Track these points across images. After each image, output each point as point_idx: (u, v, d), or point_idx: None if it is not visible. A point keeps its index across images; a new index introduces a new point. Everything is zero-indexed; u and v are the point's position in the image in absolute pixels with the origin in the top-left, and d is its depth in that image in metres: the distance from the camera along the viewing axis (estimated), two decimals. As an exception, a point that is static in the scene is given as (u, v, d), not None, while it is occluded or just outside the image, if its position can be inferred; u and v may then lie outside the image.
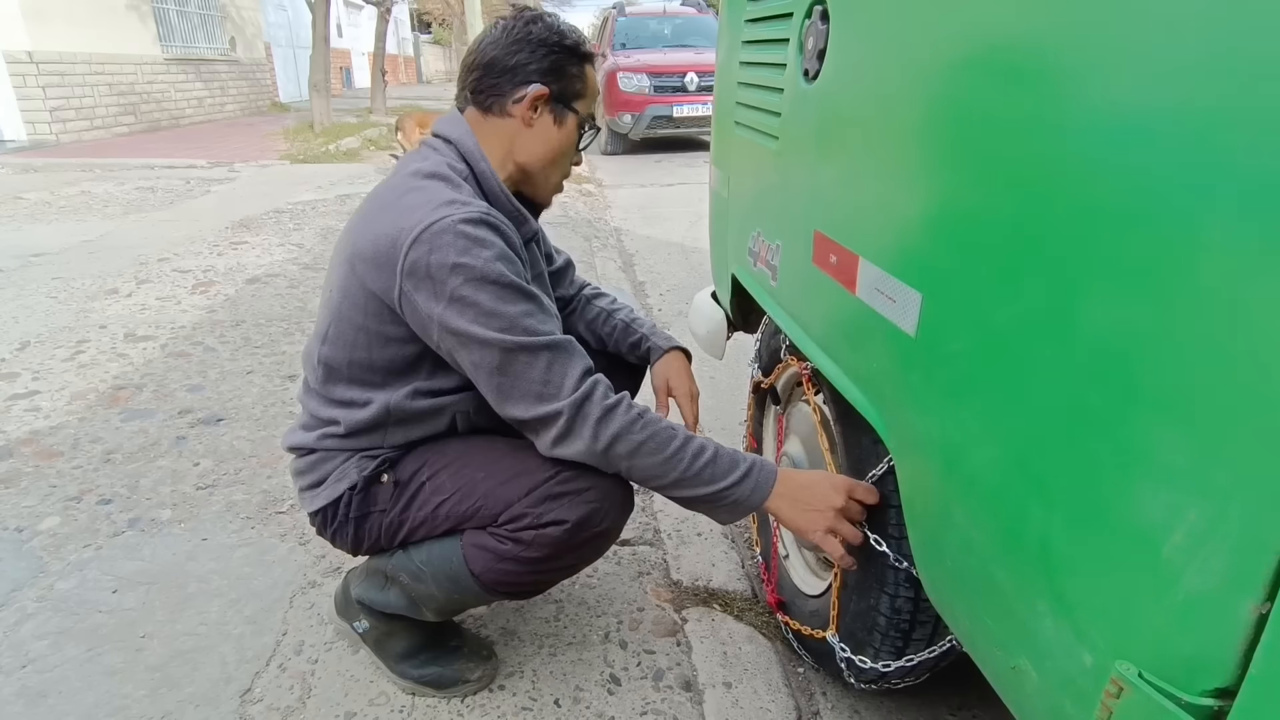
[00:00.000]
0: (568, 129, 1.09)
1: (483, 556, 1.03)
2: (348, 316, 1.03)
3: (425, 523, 1.06)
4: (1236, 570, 0.44)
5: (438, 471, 1.06)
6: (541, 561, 1.02)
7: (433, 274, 0.93)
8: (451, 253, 0.93)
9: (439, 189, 0.99)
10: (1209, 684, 0.46)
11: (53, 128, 8.40)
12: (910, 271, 0.80)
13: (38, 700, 1.19)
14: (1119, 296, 0.52)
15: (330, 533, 1.11)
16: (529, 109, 1.06)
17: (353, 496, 1.07)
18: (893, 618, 1.02)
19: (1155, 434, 0.50)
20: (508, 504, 1.00)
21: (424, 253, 0.93)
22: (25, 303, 3.15)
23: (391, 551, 1.12)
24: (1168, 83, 0.49)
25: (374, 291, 0.99)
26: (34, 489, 1.78)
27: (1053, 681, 0.61)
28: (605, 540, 1.07)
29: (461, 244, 0.93)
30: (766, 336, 1.47)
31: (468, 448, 1.08)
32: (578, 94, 1.09)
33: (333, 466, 1.08)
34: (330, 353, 1.06)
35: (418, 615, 1.14)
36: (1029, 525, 0.62)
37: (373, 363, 1.04)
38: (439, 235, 0.93)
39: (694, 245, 4.25)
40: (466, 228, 0.94)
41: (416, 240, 0.93)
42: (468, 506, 1.03)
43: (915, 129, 0.79)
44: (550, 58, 1.05)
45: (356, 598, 1.18)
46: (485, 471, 1.04)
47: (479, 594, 1.07)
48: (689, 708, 1.20)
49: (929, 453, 0.80)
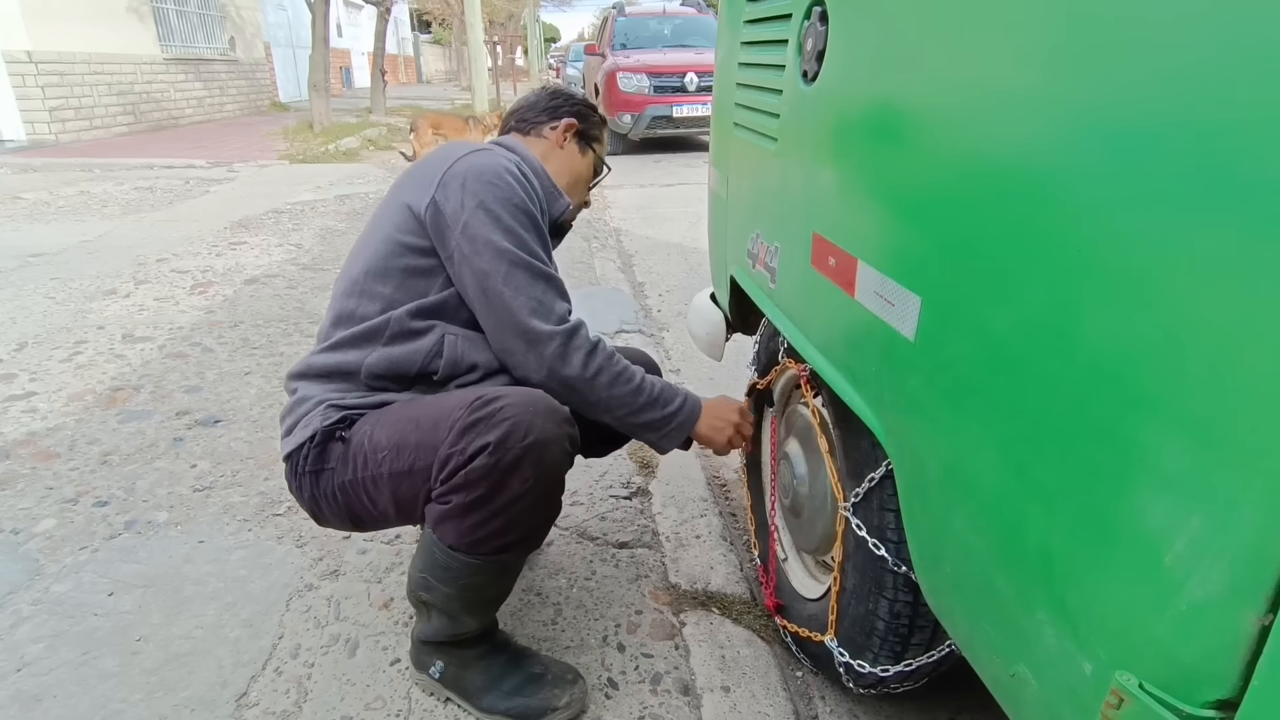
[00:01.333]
0: (588, 161, 1.37)
1: (448, 527, 1.03)
2: (379, 232, 1.14)
3: (371, 483, 1.05)
4: (1239, 581, 0.43)
5: (375, 429, 1.06)
6: (491, 498, 0.98)
7: (467, 185, 1.09)
8: (489, 175, 1.10)
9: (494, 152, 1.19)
10: (1210, 695, 0.45)
11: (52, 127, 8.39)
12: (909, 275, 0.79)
13: (32, 704, 1.18)
14: (1119, 302, 0.52)
15: (294, 485, 1.12)
16: (562, 133, 1.33)
17: (310, 449, 1.07)
18: (891, 622, 1.01)
19: (1157, 442, 0.49)
20: (434, 450, 1.00)
21: (465, 170, 1.10)
22: (23, 303, 3.14)
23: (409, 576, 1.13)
24: (1167, 86, 0.48)
25: (407, 203, 1.12)
26: (30, 490, 1.78)
27: (1052, 690, 0.61)
28: (543, 452, 0.99)
29: (501, 177, 1.11)
30: (765, 339, 1.47)
31: (402, 406, 1.09)
32: (597, 139, 1.39)
33: (303, 411, 1.10)
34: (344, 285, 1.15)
35: (462, 628, 1.14)
36: (1029, 532, 0.62)
37: (387, 269, 1.12)
38: (484, 165, 1.12)
39: (693, 246, 4.25)
40: (508, 175, 1.12)
41: (462, 160, 1.12)
42: (404, 463, 1.03)
43: (915, 131, 0.79)
44: (579, 107, 1.36)
45: (418, 638, 1.18)
46: (413, 423, 1.04)
47: (476, 568, 1.05)
48: (687, 712, 1.19)
49: (928, 457, 0.79)
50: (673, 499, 1.78)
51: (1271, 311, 0.42)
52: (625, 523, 1.70)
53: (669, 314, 3.24)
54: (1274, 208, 0.41)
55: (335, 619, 1.37)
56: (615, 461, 1.93)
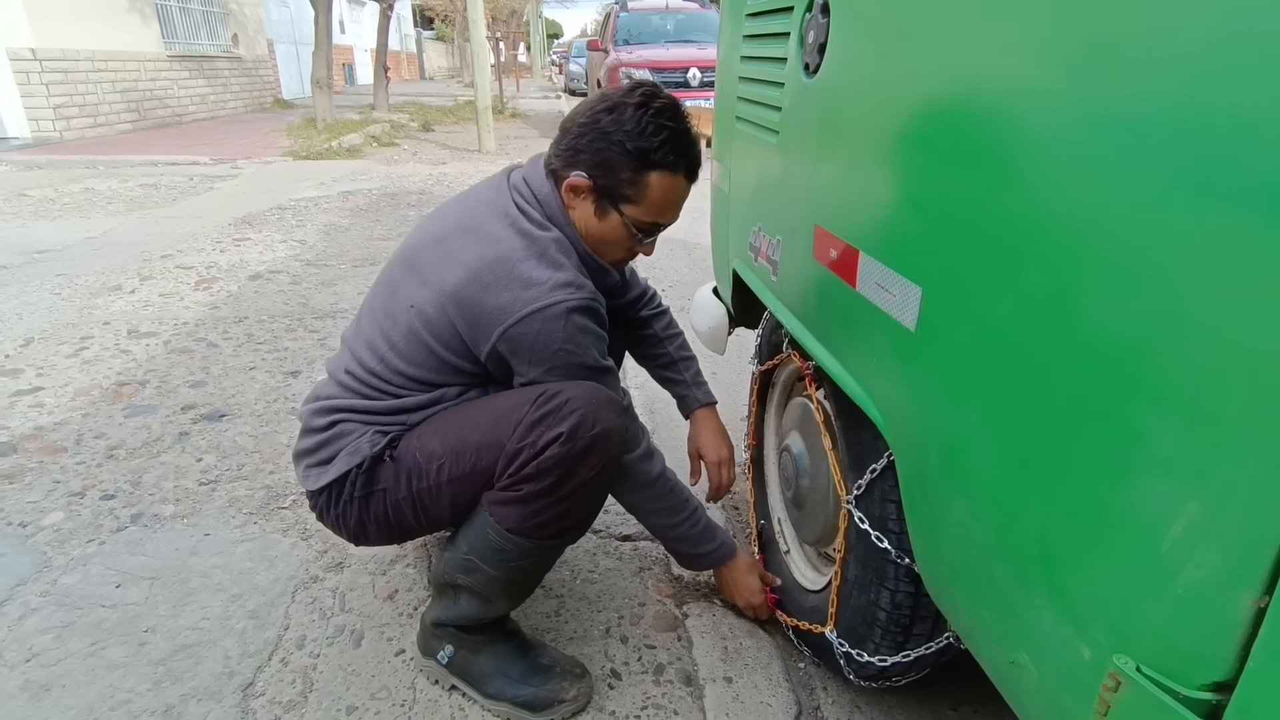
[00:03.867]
0: (610, 224, 1.09)
1: (509, 512, 1.03)
2: (425, 342, 1.08)
3: (429, 494, 1.07)
4: (1235, 564, 0.44)
5: (426, 440, 1.07)
6: (560, 485, 1.01)
7: (536, 350, 1.03)
8: (558, 339, 1.02)
9: (555, 259, 1.05)
10: (1207, 678, 0.46)
11: (56, 125, 8.41)
12: (910, 266, 0.80)
13: (41, 694, 1.20)
14: (1117, 290, 0.52)
15: (334, 514, 1.11)
16: (568, 192, 1.09)
17: (359, 474, 1.08)
18: (893, 613, 1.02)
19: (1154, 428, 0.49)
20: (500, 448, 1.02)
21: (532, 331, 1.02)
22: (29, 299, 3.16)
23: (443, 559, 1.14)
24: (1167, 75, 0.49)
25: (460, 333, 1.06)
26: (38, 484, 1.79)
27: (1051, 676, 0.61)
28: (608, 441, 1.03)
29: (569, 332, 1.03)
30: (767, 331, 1.47)
31: (449, 414, 1.10)
32: (626, 198, 1.07)
33: (346, 442, 1.09)
34: (394, 359, 1.10)
35: (492, 612, 1.15)
36: (1028, 519, 0.62)
37: (435, 380, 1.10)
38: (551, 321, 1.01)
39: (695, 241, 4.25)
40: (577, 318, 1.03)
41: (527, 318, 1.01)
42: (465, 466, 1.04)
43: (916, 123, 0.79)
44: (606, 153, 1.05)
45: (433, 621, 1.19)
46: (469, 427, 1.05)
47: (529, 550, 1.07)
48: (689, 702, 1.20)
49: (928, 447, 0.80)
50: (675, 492, 1.78)
51: (1264, 298, 0.42)
52: (628, 516, 1.70)
53: (672, 309, 3.24)
54: (1269, 197, 0.42)
55: (340, 610, 1.39)
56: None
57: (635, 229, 1.10)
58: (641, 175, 1.05)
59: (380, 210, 5.13)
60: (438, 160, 7.76)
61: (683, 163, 1.07)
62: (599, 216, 1.09)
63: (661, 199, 1.08)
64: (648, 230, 1.11)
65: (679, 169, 1.07)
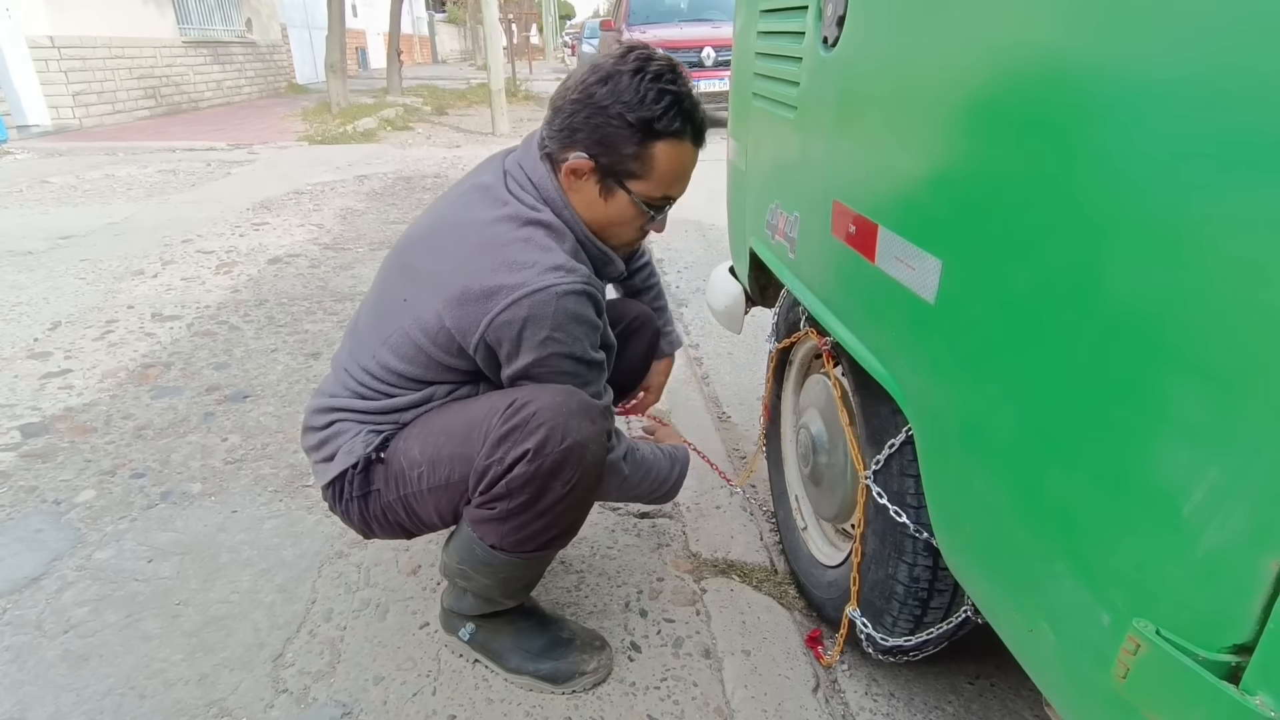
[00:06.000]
0: (618, 204, 1.02)
1: (489, 529, 1.02)
2: (414, 338, 1.03)
3: (415, 499, 1.05)
4: (1257, 526, 0.44)
5: (410, 445, 1.05)
6: (535, 501, 0.97)
7: (523, 338, 0.96)
8: (547, 326, 0.95)
9: (545, 243, 0.99)
10: (1227, 640, 0.46)
11: (75, 112, 8.49)
12: (930, 239, 0.79)
13: (80, 663, 1.24)
14: (1139, 257, 0.52)
15: (341, 510, 1.11)
16: (568, 176, 1.02)
17: (354, 475, 1.07)
18: (911, 586, 1.03)
19: (1176, 394, 0.49)
20: (469, 462, 0.98)
21: (520, 317, 0.95)
22: (55, 284, 3.21)
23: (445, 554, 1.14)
24: (1190, 47, 0.48)
25: (448, 327, 0.99)
26: (70, 463, 1.84)
27: (1071, 643, 0.62)
28: (583, 452, 0.97)
29: (559, 319, 0.96)
30: (784, 309, 1.47)
31: (432, 416, 1.07)
32: (631, 174, 1.00)
33: (343, 441, 1.07)
34: (390, 359, 1.06)
35: (497, 607, 1.17)
36: (1048, 487, 0.63)
37: (424, 377, 1.06)
38: (540, 306, 0.94)
39: (711, 222, 4.23)
40: (569, 303, 0.96)
41: (515, 303, 0.94)
42: (442, 475, 1.02)
43: (935, 95, 0.79)
44: (605, 129, 0.97)
45: (448, 608, 1.21)
46: (445, 435, 1.02)
47: (517, 564, 1.06)
48: (708, 674, 1.22)
49: (948, 419, 0.80)
50: (693, 470, 1.79)
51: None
52: (646, 494, 1.72)
53: (687, 290, 3.24)
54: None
55: (365, 585, 1.42)
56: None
57: (646, 206, 1.03)
58: (646, 147, 0.98)
59: (395, 194, 5.15)
60: (451, 143, 7.75)
61: (689, 128, 0.99)
62: (605, 198, 1.02)
63: (671, 170, 1.01)
64: (659, 206, 1.04)
65: (686, 135, 1.00)
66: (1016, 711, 1.20)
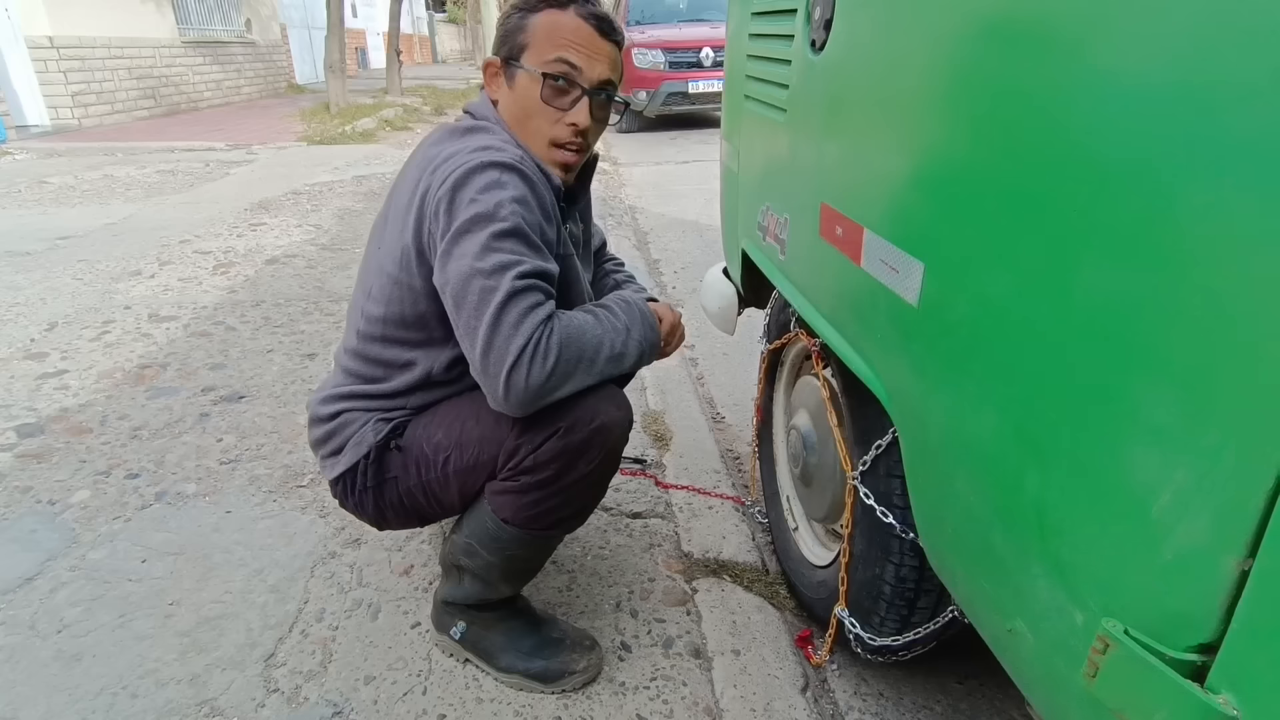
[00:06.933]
0: (520, 87, 1.05)
1: (506, 502, 1.05)
2: (386, 270, 1.06)
3: (438, 483, 1.09)
4: (1221, 527, 0.45)
5: (432, 430, 1.09)
6: (558, 478, 1.02)
7: (450, 211, 0.96)
8: (471, 190, 0.95)
9: (478, 138, 1.04)
10: (1193, 640, 0.47)
11: (74, 112, 8.50)
12: (913, 241, 0.80)
13: (73, 663, 1.24)
14: (1111, 264, 0.53)
15: (353, 503, 1.14)
16: (489, 84, 1.10)
17: (367, 465, 1.10)
18: (898, 587, 1.03)
19: (1145, 397, 0.50)
20: (500, 443, 1.02)
21: (448, 186, 0.96)
22: (52, 284, 3.22)
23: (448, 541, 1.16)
24: (1168, 55, 0.49)
25: (408, 242, 1.02)
26: (65, 464, 1.84)
27: (1047, 643, 0.62)
28: (608, 435, 1.03)
29: (483, 183, 0.96)
30: (776, 311, 1.48)
31: (455, 402, 1.11)
32: (521, 49, 1.04)
33: (351, 432, 1.11)
34: (372, 308, 1.09)
35: (493, 594, 1.18)
36: (1025, 489, 0.63)
37: (405, 318, 1.07)
38: (467, 174, 0.96)
39: (708, 223, 4.24)
40: (494, 172, 0.96)
41: (444, 181, 0.97)
42: (468, 457, 1.06)
43: (919, 98, 0.79)
44: (503, 28, 1.07)
45: (443, 599, 1.22)
46: (474, 419, 1.06)
47: (525, 540, 1.08)
48: (698, 674, 1.23)
49: (930, 421, 0.81)
50: (686, 470, 1.81)
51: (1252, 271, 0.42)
52: (639, 494, 1.73)
53: (684, 290, 3.25)
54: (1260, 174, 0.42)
55: (358, 585, 1.42)
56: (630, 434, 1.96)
57: (542, 76, 1.02)
58: (528, 21, 1.04)
59: (394, 194, 5.14)
60: (450, 144, 7.74)
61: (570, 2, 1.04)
62: (511, 86, 1.06)
63: (551, 34, 1.03)
64: (558, 80, 1.02)
65: (565, 5, 1.04)
66: (1004, 711, 1.21)
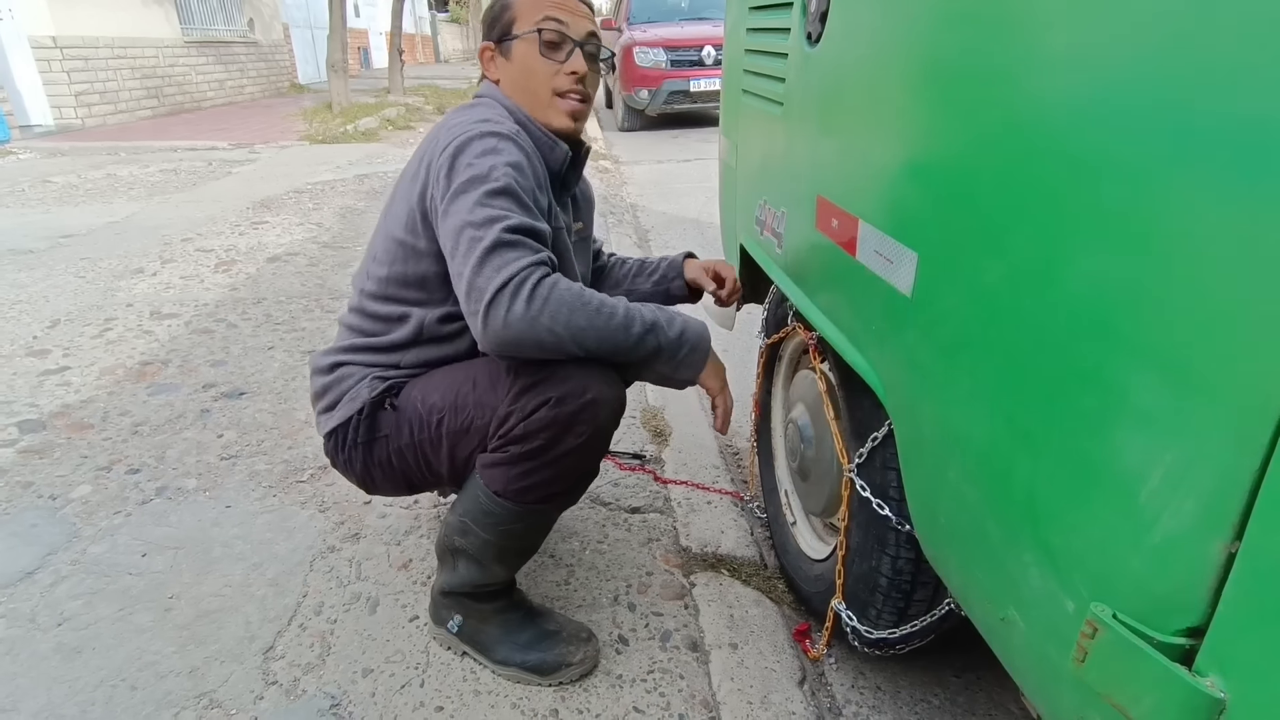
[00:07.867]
0: (517, 55, 1.14)
1: (497, 474, 1.06)
2: (393, 234, 1.12)
3: (429, 444, 1.10)
4: (1208, 510, 0.45)
5: (428, 392, 1.11)
6: (548, 449, 1.03)
7: (450, 174, 1.02)
8: (469, 155, 1.02)
9: (479, 111, 1.11)
10: (1181, 623, 0.47)
11: (78, 112, 8.52)
12: (907, 232, 0.80)
13: (73, 656, 1.25)
14: (1099, 253, 0.53)
15: (343, 460, 1.16)
16: (486, 67, 1.18)
17: (360, 420, 1.11)
18: (894, 579, 1.03)
19: (1133, 383, 0.50)
20: (493, 409, 1.05)
21: (449, 153, 1.03)
22: (55, 282, 3.23)
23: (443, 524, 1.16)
24: (1158, 48, 0.49)
25: (410, 201, 1.08)
26: (66, 459, 1.85)
27: (1038, 630, 0.62)
28: (598, 410, 1.02)
29: (481, 149, 1.02)
30: (773, 304, 1.48)
31: (452, 368, 1.13)
32: (510, 22, 1.13)
33: (347, 386, 1.14)
34: (377, 269, 1.15)
35: (489, 578, 1.18)
36: (1016, 478, 0.63)
37: (406, 277, 1.12)
38: (467, 142, 1.03)
39: (709, 221, 4.24)
40: (491, 140, 1.03)
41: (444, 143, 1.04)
42: (462, 419, 1.07)
43: (913, 90, 0.79)
44: (488, 16, 1.16)
45: (439, 589, 1.22)
46: (471, 383, 1.08)
47: (517, 514, 1.09)
48: (695, 667, 1.23)
49: (924, 411, 0.81)
50: (684, 466, 1.81)
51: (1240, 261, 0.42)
52: (637, 489, 1.73)
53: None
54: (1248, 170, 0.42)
55: (356, 579, 1.43)
56: (628, 430, 1.96)
57: (538, 41, 1.11)
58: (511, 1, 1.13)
59: (395, 193, 5.15)
60: (452, 143, 7.74)
61: None
62: (510, 59, 1.15)
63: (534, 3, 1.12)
64: (552, 41, 1.11)
65: None
66: (1002, 704, 1.21)
